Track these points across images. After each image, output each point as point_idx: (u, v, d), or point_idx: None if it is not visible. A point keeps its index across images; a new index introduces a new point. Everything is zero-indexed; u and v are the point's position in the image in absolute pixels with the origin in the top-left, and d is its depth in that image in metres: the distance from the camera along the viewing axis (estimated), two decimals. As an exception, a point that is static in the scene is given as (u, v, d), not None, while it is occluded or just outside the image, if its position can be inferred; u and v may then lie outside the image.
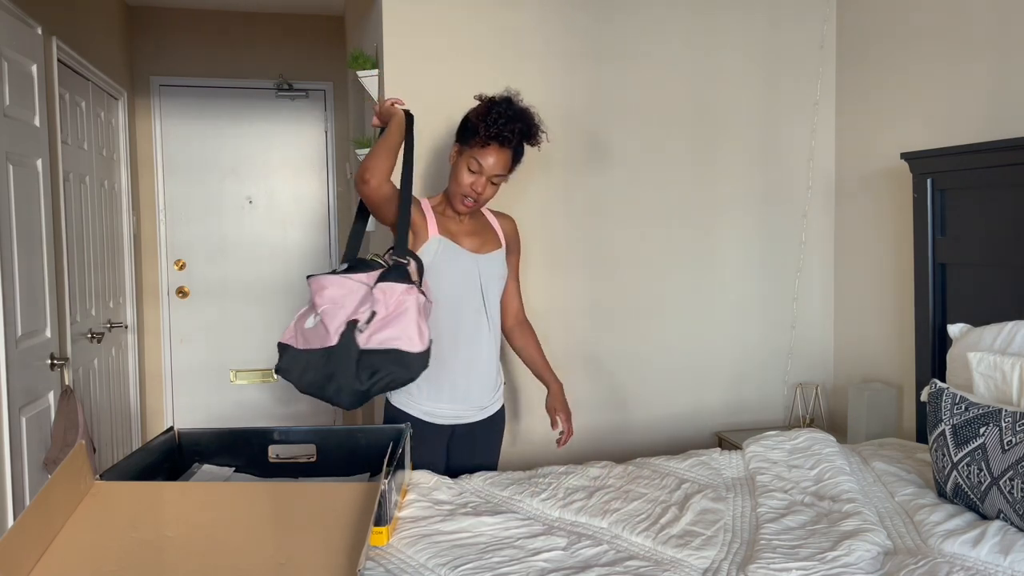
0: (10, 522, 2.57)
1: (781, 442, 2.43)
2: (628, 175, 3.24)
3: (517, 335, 2.50)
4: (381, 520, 1.71)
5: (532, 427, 3.16)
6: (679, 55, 3.26)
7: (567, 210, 3.19)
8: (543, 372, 2.52)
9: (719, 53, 3.30)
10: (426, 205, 2.29)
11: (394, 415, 2.27)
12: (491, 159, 2.19)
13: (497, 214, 2.45)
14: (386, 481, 1.68)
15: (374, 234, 3.19)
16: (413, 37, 2.99)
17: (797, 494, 2.10)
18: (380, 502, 1.65)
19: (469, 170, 2.20)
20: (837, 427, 3.32)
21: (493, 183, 2.22)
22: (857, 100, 3.29)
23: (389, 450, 1.83)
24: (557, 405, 2.49)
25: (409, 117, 2.22)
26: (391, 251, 2.07)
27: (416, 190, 2.45)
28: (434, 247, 2.21)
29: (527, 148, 2.33)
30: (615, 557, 1.72)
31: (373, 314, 1.89)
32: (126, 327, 4.30)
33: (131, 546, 1.54)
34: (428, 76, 3.01)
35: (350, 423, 4.77)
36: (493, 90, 3.06)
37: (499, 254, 2.35)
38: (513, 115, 2.21)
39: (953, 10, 2.78)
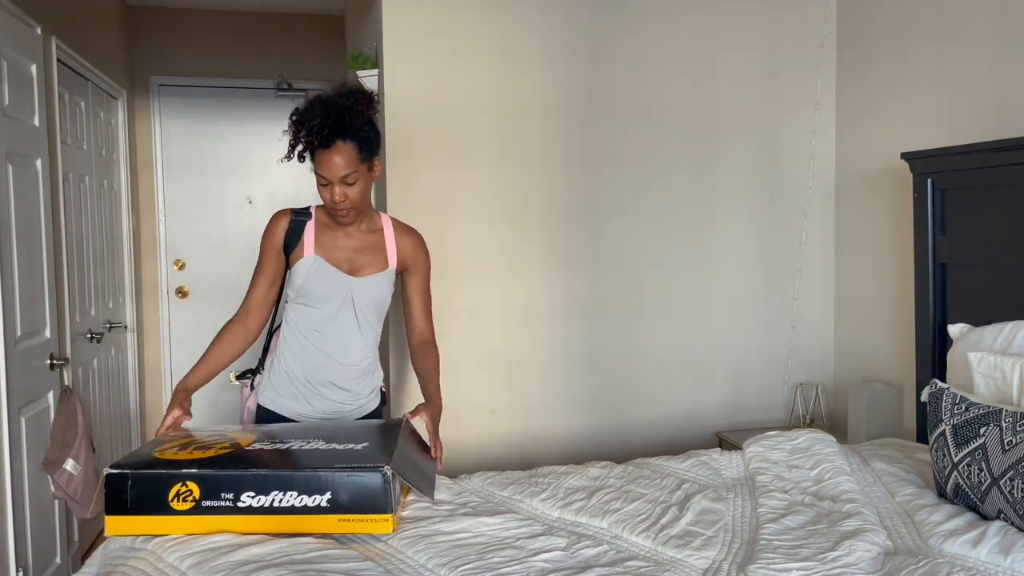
0: (10, 522, 2.57)
1: (781, 442, 2.42)
2: (628, 175, 3.23)
3: (418, 356, 2.32)
4: (387, 508, 1.71)
5: (531, 427, 3.16)
6: (679, 55, 3.26)
7: (567, 209, 3.18)
8: (428, 386, 2.27)
9: (719, 53, 3.30)
10: (313, 219, 2.23)
11: (263, 414, 2.26)
12: (330, 165, 2.07)
13: (401, 229, 2.29)
14: (389, 469, 1.72)
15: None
16: (413, 37, 2.99)
17: (797, 494, 2.10)
18: (386, 489, 1.69)
19: (321, 184, 2.12)
20: (837, 427, 3.32)
21: (348, 183, 2.09)
22: (857, 100, 3.28)
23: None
24: (427, 416, 2.17)
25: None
26: None
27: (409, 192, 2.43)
28: (308, 265, 2.18)
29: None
30: (615, 557, 1.72)
31: None
32: (125, 327, 4.30)
33: None
34: (428, 76, 3.01)
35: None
36: (492, 89, 3.09)
37: (380, 277, 2.23)
38: (324, 111, 2.07)
39: (953, 10, 2.78)
